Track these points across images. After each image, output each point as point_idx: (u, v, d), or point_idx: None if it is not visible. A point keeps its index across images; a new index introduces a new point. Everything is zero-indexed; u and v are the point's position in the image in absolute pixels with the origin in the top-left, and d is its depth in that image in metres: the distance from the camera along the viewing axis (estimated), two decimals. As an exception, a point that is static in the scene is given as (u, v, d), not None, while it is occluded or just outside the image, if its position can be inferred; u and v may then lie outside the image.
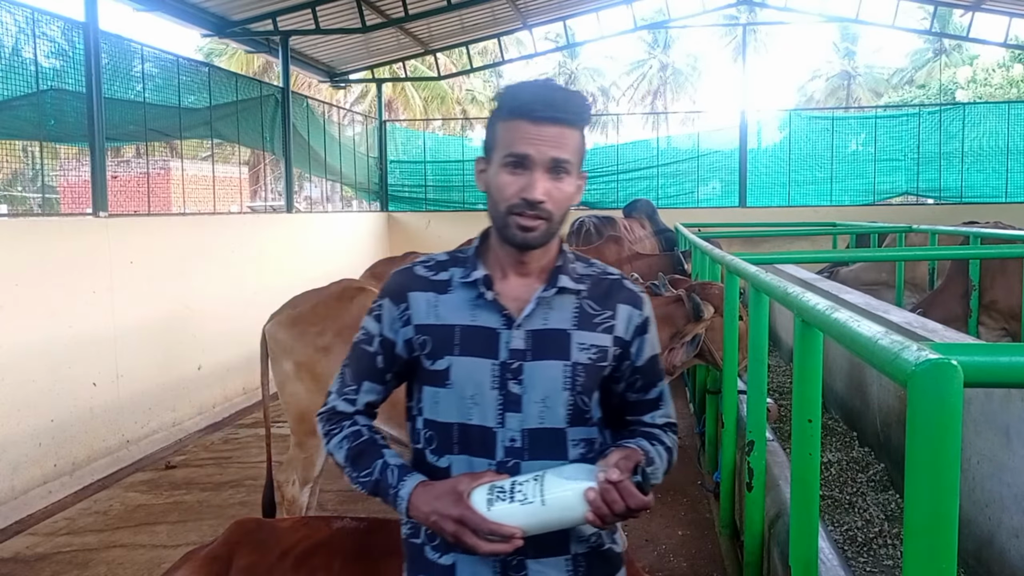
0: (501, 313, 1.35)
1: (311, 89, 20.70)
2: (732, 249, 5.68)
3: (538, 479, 1.24)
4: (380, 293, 1.45)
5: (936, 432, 1.02)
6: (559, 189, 1.31)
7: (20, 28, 5.40)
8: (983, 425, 2.65)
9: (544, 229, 1.31)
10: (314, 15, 9.51)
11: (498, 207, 1.33)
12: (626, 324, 1.40)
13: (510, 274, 1.38)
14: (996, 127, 12.81)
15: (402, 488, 1.30)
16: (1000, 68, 28.79)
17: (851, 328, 1.42)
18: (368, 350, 1.43)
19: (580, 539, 1.35)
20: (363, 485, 1.36)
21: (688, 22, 14.22)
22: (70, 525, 4.51)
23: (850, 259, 7.73)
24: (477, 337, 1.34)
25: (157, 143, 7.45)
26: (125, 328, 5.78)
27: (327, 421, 1.45)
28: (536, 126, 1.29)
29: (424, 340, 1.37)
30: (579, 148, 1.34)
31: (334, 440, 1.42)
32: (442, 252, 1.47)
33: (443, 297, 1.38)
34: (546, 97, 1.30)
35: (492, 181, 1.34)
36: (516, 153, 1.29)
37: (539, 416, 1.33)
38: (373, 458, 1.36)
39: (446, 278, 1.40)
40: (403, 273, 1.44)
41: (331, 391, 1.47)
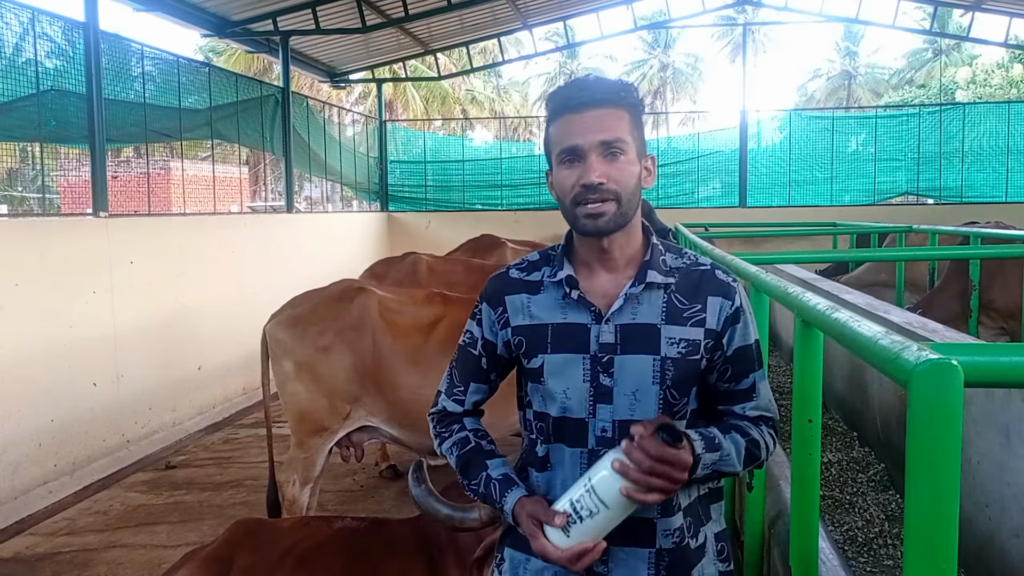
0: (589, 309, 1.38)
1: (311, 89, 20.71)
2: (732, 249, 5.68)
3: (588, 487, 1.28)
4: (480, 297, 1.50)
5: (936, 432, 1.02)
6: (618, 169, 1.33)
7: (20, 28, 5.40)
8: (983, 425, 2.65)
9: (614, 211, 1.33)
10: (314, 15, 9.51)
11: (565, 203, 1.37)
12: (717, 315, 1.40)
13: (597, 269, 1.41)
14: (996, 127, 12.81)
15: (505, 504, 1.39)
16: (1000, 68, 28.79)
17: (851, 328, 1.42)
18: (472, 353, 1.49)
19: (666, 534, 1.38)
20: (473, 492, 1.45)
21: (688, 22, 14.22)
22: (70, 525, 4.51)
23: (850, 259, 7.73)
24: (568, 333, 1.38)
25: (157, 143, 7.45)
26: (125, 328, 5.78)
27: (438, 423, 1.53)
28: (578, 114, 1.33)
29: (520, 340, 1.42)
30: (631, 129, 1.35)
31: (445, 444, 1.50)
32: (535, 251, 1.51)
33: (535, 297, 1.42)
34: (582, 85, 1.35)
35: (556, 182, 1.38)
36: (566, 147, 1.33)
37: (629, 408, 1.36)
38: (479, 469, 1.44)
39: (538, 278, 1.44)
40: (499, 278, 1.49)
41: (440, 391, 1.53)
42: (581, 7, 12.78)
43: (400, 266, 5.75)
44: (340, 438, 3.70)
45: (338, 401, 3.65)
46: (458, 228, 11.00)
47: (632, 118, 1.35)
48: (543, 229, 11.53)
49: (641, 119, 1.39)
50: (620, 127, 1.33)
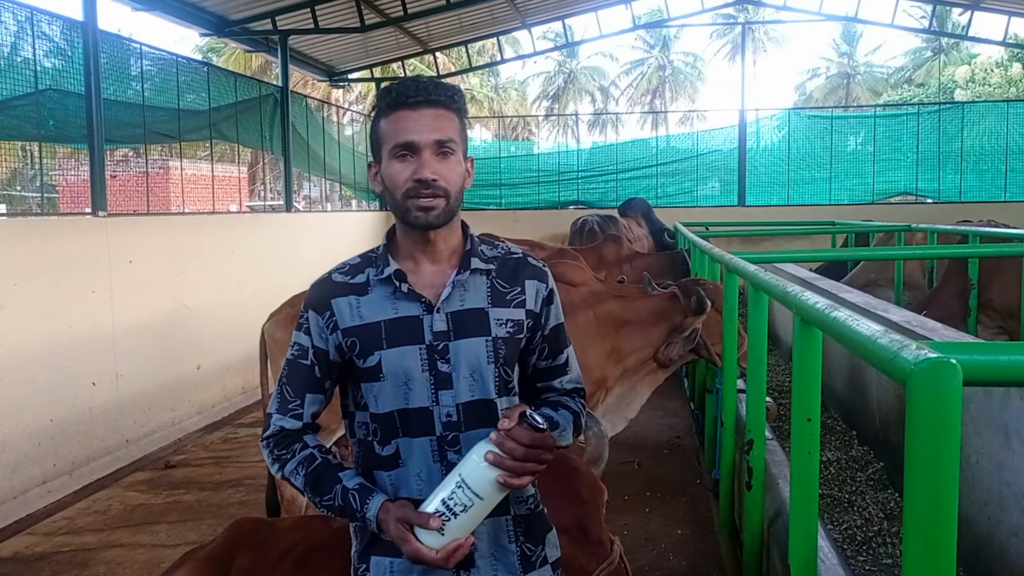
0: (420, 301, 1.42)
1: (309, 87, 20.69)
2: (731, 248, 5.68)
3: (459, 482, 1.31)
4: (303, 306, 1.48)
5: (935, 431, 1.02)
6: (449, 168, 1.39)
7: (18, 27, 5.39)
8: (982, 424, 2.66)
9: (443, 207, 1.39)
10: (313, 14, 9.50)
11: (395, 196, 1.41)
12: (535, 297, 1.50)
13: (422, 262, 1.45)
14: (995, 126, 12.82)
15: (368, 511, 1.37)
16: (999, 67, 28.79)
17: (850, 327, 1.42)
18: (304, 364, 1.47)
19: (518, 500, 1.46)
20: (329, 509, 1.41)
21: (687, 21, 14.23)
22: (69, 525, 4.51)
23: (849, 258, 7.74)
24: (401, 327, 1.41)
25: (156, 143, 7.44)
26: (124, 327, 5.78)
27: (276, 445, 1.47)
28: (415, 111, 1.38)
29: (352, 341, 1.42)
30: (461, 131, 1.42)
31: (288, 466, 1.45)
32: (354, 256, 1.52)
33: (363, 298, 1.44)
34: (419, 85, 1.40)
35: (386, 174, 1.41)
36: (402, 142, 1.38)
37: (469, 390, 1.41)
38: (331, 483, 1.41)
39: (363, 280, 1.46)
40: (322, 283, 1.49)
41: (271, 412, 1.49)
42: (579, 6, 12.77)
43: None
44: (339, 437, 3.71)
45: (336, 400, 3.64)
46: (457, 227, 10.97)
47: (460, 121, 1.43)
48: (541, 228, 11.54)
49: (465, 123, 1.45)
50: (451, 128, 1.40)
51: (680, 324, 4.02)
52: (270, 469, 1.49)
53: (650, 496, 4.49)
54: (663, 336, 4.05)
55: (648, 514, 4.25)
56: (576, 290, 4.12)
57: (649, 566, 3.66)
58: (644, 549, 3.84)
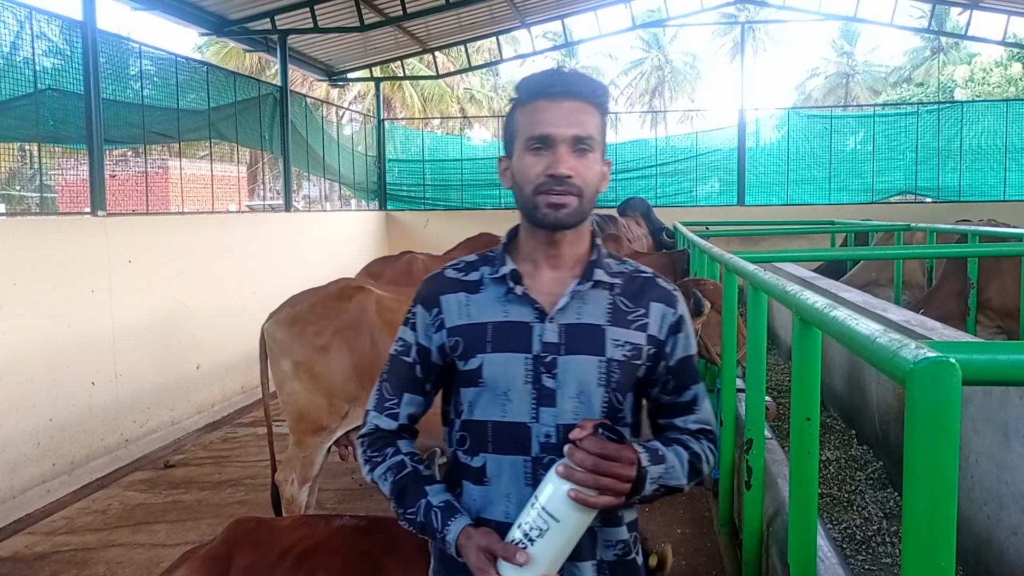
0: (533, 307, 1.32)
1: (308, 86, 20.68)
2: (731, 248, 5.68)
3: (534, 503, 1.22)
4: (413, 300, 1.41)
5: (934, 430, 1.02)
6: (586, 166, 1.30)
7: (18, 27, 5.38)
8: (981, 423, 2.66)
9: (576, 206, 1.29)
10: (312, 14, 9.50)
11: (525, 191, 1.31)
12: (659, 322, 1.37)
13: (542, 267, 1.36)
14: (994, 125, 12.82)
15: (448, 534, 1.28)
16: (998, 67, 28.80)
17: (849, 326, 1.42)
18: (406, 360, 1.40)
19: (608, 544, 1.34)
20: (410, 523, 1.33)
21: (686, 20, 14.22)
22: (69, 524, 4.51)
23: (849, 257, 7.74)
24: (509, 332, 1.31)
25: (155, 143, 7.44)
26: (123, 327, 5.78)
27: (370, 446, 1.40)
28: (555, 102, 1.29)
29: (456, 341, 1.34)
30: (600, 128, 1.33)
31: (378, 470, 1.38)
32: (473, 254, 1.45)
33: (475, 296, 1.36)
34: (561, 75, 1.32)
35: (517, 168, 1.32)
36: (537, 134, 1.28)
37: (574, 411, 1.29)
38: (417, 497, 1.32)
39: (476, 277, 1.38)
40: (433, 278, 1.41)
41: (370, 409, 1.42)
42: (579, 6, 12.76)
43: (396, 265, 5.75)
44: (339, 437, 3.71)
45: (336, 400, 3.65)
46: (456, 227, 10.99)
47: (601, 119, 1.34)
48: (541, 228, 11.51)
49: (606, 122, 1.37)
50: (592, 124, 1.31)
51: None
52: (362, 470, 1.42)
53: (649, 495, 4.48)
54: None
55: (648, 513, 4.25)
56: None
57: (648, 565, 3.66)
58: (644, 548, 3.83)
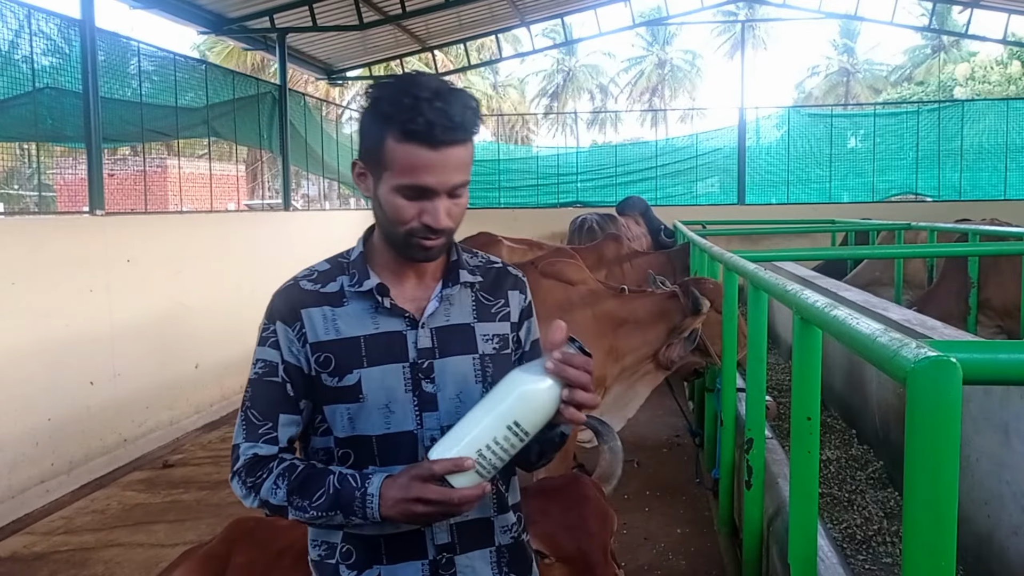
0: (403, 316, 1.30)
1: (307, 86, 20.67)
2: (731, 247, 5.67)
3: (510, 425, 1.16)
4: (269, 316, 1.32)
5: (935, 429, 1.01)
6: (459, 207, 1.27)
7: (16, 25, 5.37)
8: (982, 422, 2.65)
9: (443, 243, 1.28)
10: (311, 12, 9.49)
11: (395, 229, 1.26)
12: (517, 310, 1.40)
13: (406, 275, 1.33)
14: (995, 124, 12.81)
15: (370, 486, 1.20)
16: (998, 65, 28.80)
17: (850, 326, 1.41)
18: (273, 381, 1.30)
19: (504, 530, 1.35)
20: (319, 508, 1.22)
21: (687, 19, 14.21)
22: (67, 524, 4.51)
23: (849, 256, 7.73)
24: (383, 344, 1.29)
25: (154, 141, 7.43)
26: (122, 327, 5.77)
27: (248, 473, 1.27)
28: (437, 152, 1.19)
29: (326, 358, 1.28)
30: (472, 157, 1.28)
31: (265, 486, 1.25)
32: (321, 261, 1.38)
33: (340, 310, 1.30)
34: (445, 116, 1.18)
35: (385, 201, 1.25)
36: (416, 185, 1.21)
37: (456, 412, 1.28)
38: (323, 477, 1.24)
39: (336, 289, 1.32)
40: (288, 291, 1.33)
41: (238, 444, 1.30)
42: (578, 4, 12.75)
43: None
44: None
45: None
46: (456, 226, 10.97)
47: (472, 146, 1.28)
48: (541, 227, 11.52)
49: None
50: (469, 160, 1.25)
51: (679, 324, 3.99)
52: (244, 503, 1.29)
53: (650, 495, 4.49)
54: (662, 336, 4.02)
55: (648, 513, 4.25)
56: (574, 288, 4.11)
57: (649, 565, 3.66)
58: (644, 548, 3.83)
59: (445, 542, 1.29)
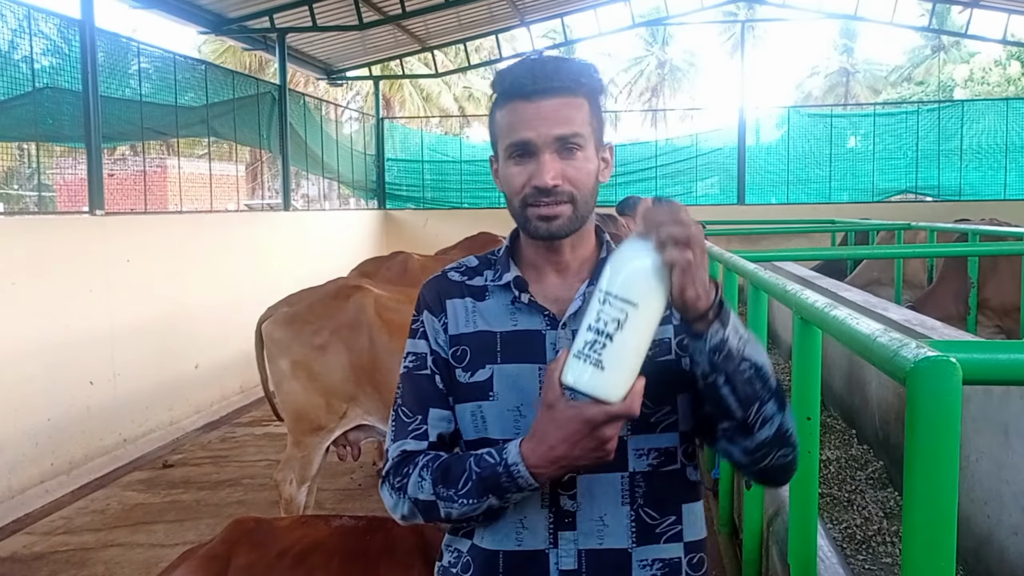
0: (543, 314, 1.21)
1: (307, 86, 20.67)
2: (731, 247, 5.68)
3: (602, 298, 1.02)
4: (417, 308, 1.30)
5: (935, 429, 1.01)
6: (575, 168, 1.17)
7: (16, 25, 5.37)
8: (982, 423, 2.65)
9: (569, 215, 1.17)
10: (311, 12, 9.49)
11: (513, 203, 1.20)
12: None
13: (547, 272, 1.25)
14: (995, 124, 12.81)
15: (508, 455, 1.10)
16: (998, 66, 28.81)
17: (850, 326, 1.41)
18: (423, 374, 1.25)
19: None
20: (468, 496, 1.12)
21: (686, 19, 14.20)
22: (67, 524, 4.51)
23: (849, 256, 7.73)
24: (520, 341, 1.21)
25: (153, 141, 7.43)
26: (122, 327, 5.77)
27: (395, 473, 1.20)
28: (532, 103, 1.15)
29: (462, 351, 1.23)
30: (590, 118, 1.18)
31: (411, 482, 1.17)
32: (472, 256, 1.34)
33: (481, 304, 1.25)
34: (536, 69, 1.16)
35: (503, 177, 1.21)
36: (516, 141, 1.16)
37: None
38: (463, 461, 1.15)
39: (481, 283, 1.27)
40: (437, 281, 1.30)
41: (389, 446, 1.25)
42: (578, 4, 12.76)
43: (390, 265, 5.74)
44: (337, 437, 3.70)
45: (334, 400, 3.64)
46: (455, 226, 10.98)
47: (591, 106, 1.19)
48: (541, 227, 11.51)
49: (600, 104, 1.21)
50: (578, 118, 1.16)
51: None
52: (393, 515, 1.20)
53: (649, 495, 4.48)
54: (662, 335, 4.03)
55: (647, 513, 4.24)
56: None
57: (648, 565, 3.65)
58: (643, 548, 3.83)
59: (570, 568, 1.15)
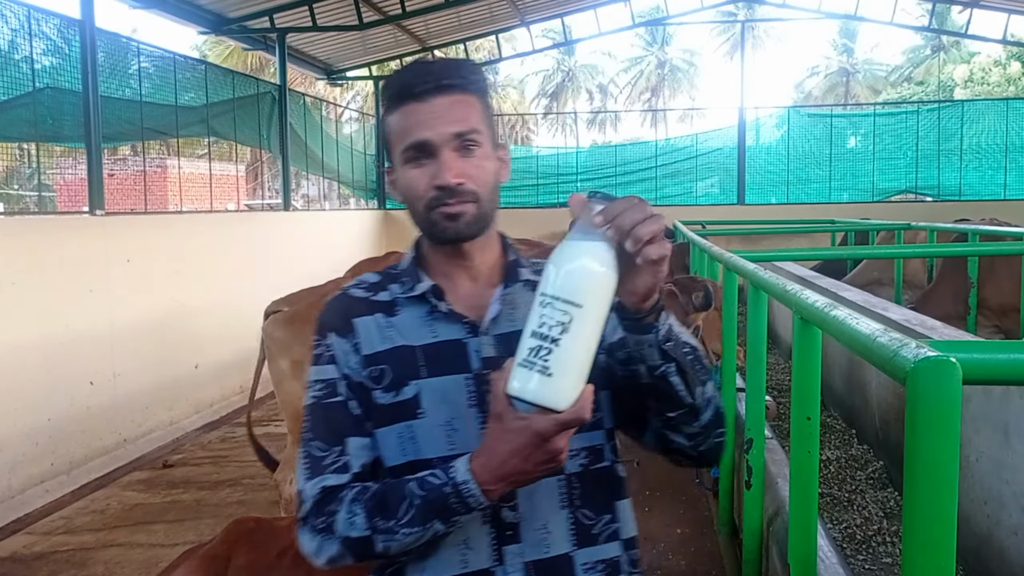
0: (462, 322, 1.17)
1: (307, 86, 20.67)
2: (730, 247, 5.68)
3: (542, 300, 0.97)
4: (319, 331, 1.21)
5: (935, 429, 1.01)
6: (475, 166, 1.14)
7: (17, 25, 5.37)
8: (982, 422, 2.65)
9: (474, 213, 1.14)
10: (311, 12, 9.49)
11: (417, 208, 1.16)
12: None
13: (459, 279, 1.21)
14: (994, 124, 12.82)
15: (456, 473, 1.04)
16: (997, 66, 28.82)
17: (850, 325, 1.41)
18: (335, 402, 1.15)
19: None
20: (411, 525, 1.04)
21: (686, 19, 14.20)
22: (67, 524, 4.51)
23: (849, 256, 7.73)
24: (442, 353, 1.15)
25: (153, 141, 7.43)
26: (122, 327, 5.77)
27: (316, 513, 1.09)
28: (425, 103, 1.12)
29: (380, 371, 1.15)
30: (485, 116, 1.17)
31: (340, 520, 1.07)
32: (369, 272, 1.28)
33: (394, 319, 1.18)
34: (425, 70, 1.14)
35: (400, 182, 1.17)
36: (413, 142, 1.13)
37: None
38: (400, 487, 1.07)
39: (388, 298, 1.20)
40: (339, 300, 1.22)
41: (302, 486, 1.13)
42: (578, 4, 12.76)
43: (385, 264, 5.74)
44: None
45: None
46: (456, 226, 10.98)
47: (483, 105, 1.17)
48: (541, 228, 11.49)
49: (490, 104, 1.20)
50: (474, 115, 1.14)
51: (683, 321, 4.03)
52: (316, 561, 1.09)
53: (649, 495, 4.48)
54: (662, 334, 4.06)
55: (647, 513, 4.24)
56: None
57: (648, 565, 3.66)
58: (643, 548, 3.81)
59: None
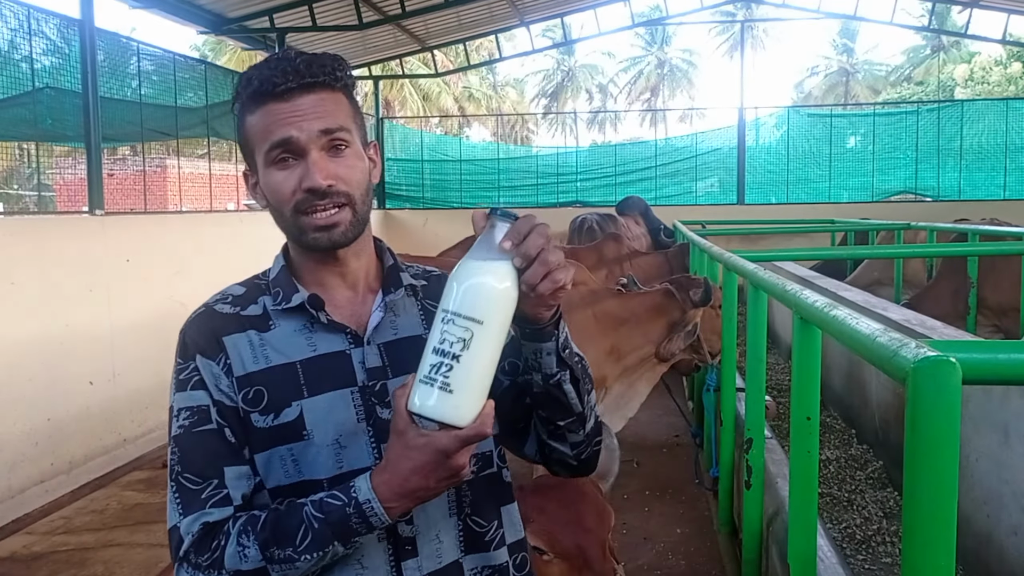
0: (344, 332, 1.10)
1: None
2: (730, 247, 5.68)
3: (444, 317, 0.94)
4: (182, 354, 1.14)
5: (935, 429, 1.01)
6: (347, 166, 1.07)
7: (16, 24, 5.37)
8: (981, 422, 2.65)
9: (350, 218, 1.07)
10: (311, 12, 9.49)
11: (284, 214, 1.09)
12: None
13: (337, 288, 1.14)
14: (995, 124, 12.81)
15: (358, 492, 0.97)
16: (998, 66, 28.82)
17: (849, 325, 1.41)
18: (207, 430, 1.07)
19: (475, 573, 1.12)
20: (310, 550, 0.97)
21: (686, 19, 14.21)
22: (67, 524, 4.50)
23: (849, 256, 7.74)
24: (325, 367, 1.08)
25: (153, 141, 7.43)
26: (121, 326, 5.77)
27: (198, 551, 1.01)
28: (288, 102, 1.04)
29: (256, 392, 1.07)
30: (353, 114, 1.10)
31: (228, 554, 0.98)
32: (232, 284, 1.21)
33: (268, 335, 1.10)
34: (286, 66, 1.05)
35: (267, 187, 1.09)
36: (277, 141, 1.05)
37: None
38: (296, 512, 0.99)
39: (259, 311, 1.13)
40: (204, 318, 1.14)
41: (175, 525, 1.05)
42: (578, 3, 12.75)
43: None
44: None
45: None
46: (455, 226, 10.97)
47: (349, 101, 1.10)
48: (541, 227, 11.52)
49: (357, 101, 1.13)
50: (341, 112, 1.07)
51: (680, 319, 4.03)
52: None
53: (649, 495, 4.49)
54: (662, 333, 4.06)
55: (647, 513, 4.25)
56: (574, 289, 4.12)
57: (648, 565, 3.66)
58: (643, 548, 3.84)
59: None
